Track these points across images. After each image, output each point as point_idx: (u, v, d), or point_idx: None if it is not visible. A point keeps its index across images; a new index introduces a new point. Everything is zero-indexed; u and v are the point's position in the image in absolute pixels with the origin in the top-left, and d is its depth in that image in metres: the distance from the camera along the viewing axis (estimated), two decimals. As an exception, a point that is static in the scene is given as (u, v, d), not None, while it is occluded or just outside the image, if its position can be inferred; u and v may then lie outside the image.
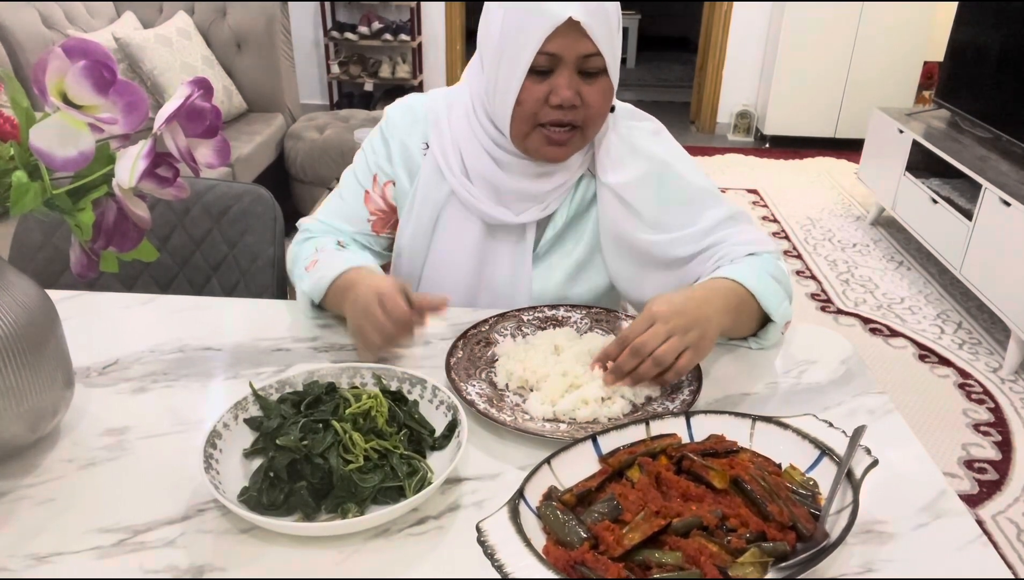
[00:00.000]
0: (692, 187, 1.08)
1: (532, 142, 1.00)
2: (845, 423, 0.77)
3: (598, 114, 0.99)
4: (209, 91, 0.70)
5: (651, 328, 0.85)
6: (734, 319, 0.94)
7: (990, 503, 1.96)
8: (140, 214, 0.71)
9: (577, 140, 1.01)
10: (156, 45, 3.02)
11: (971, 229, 2.73)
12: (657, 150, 1.08)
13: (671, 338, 0.84)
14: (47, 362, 0.74)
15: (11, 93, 0.67)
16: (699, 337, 0.86)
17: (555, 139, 0.99)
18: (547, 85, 0.96)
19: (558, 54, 0.93)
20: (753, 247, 1.03)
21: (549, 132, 0.98)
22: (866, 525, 0.70)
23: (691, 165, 1.10)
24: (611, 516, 0.66)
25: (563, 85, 0.95)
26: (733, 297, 0.94)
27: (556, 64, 0.95)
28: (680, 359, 0.84)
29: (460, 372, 0.90)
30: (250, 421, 0.78)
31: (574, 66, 0.95)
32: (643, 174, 1.06)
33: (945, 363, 2.58)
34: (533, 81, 0.96)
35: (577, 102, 0.96)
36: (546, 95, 0.96)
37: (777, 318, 0.96)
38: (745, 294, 0.95)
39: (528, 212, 1.06)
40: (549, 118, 0.97)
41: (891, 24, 4.38)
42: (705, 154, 4.68)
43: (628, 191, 1.05)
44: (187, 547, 0.67)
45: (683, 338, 0.84)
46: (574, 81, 0.96)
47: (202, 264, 1.38)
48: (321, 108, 4.95)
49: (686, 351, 0.84)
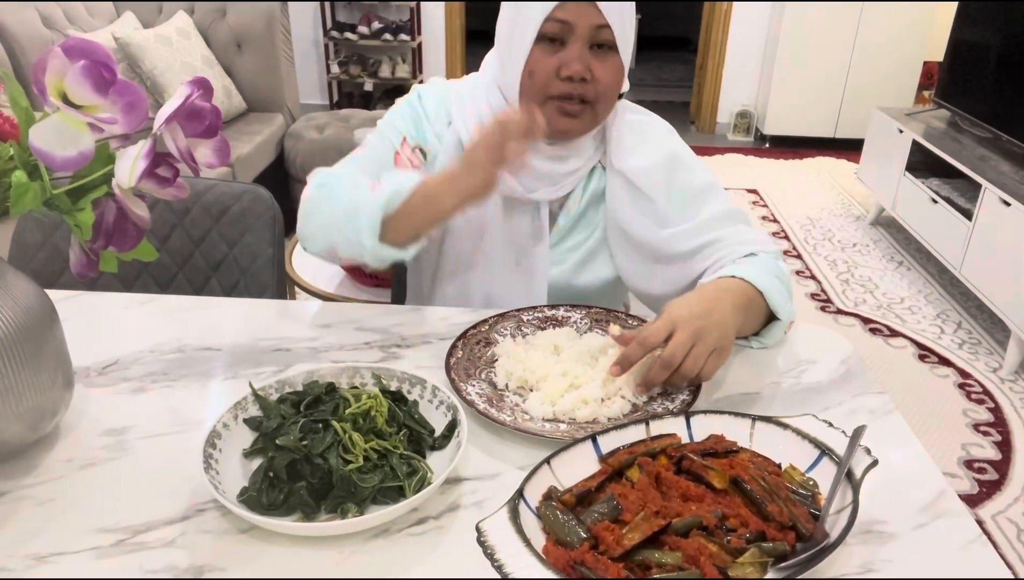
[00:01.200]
0: (699, 180, 1.10)
1: (545, 113, 0.99)
2: (845, 423, 0.77)
3: (608, 90, 1.01)
4: (209, 91, 0.70)
5: (675, 336, 0.84)
6: (744, 318, 0.94)
7: (990, 503, 1.96)
8: (140, 214, 0.71)
9: (588, 115, 1.02)
10: (156, 45, 3.02)
11: (971, 229, 2.73)
12: (667, 143, 1.11)
13: (695, 346, 0.83)
14: (47, 362, 0.74)
15: (11, 93, 0.67)
16: (720, 338, 0.85)
17: (568, 109, 1.00)
18: (558, 58, 0.98)
19: (569, 21, 0.96)
20: (753, 247, 1.04)
21: (561, 104, 1.00)
22: (866, 525, 0.70)
23: (699, 162, 1.13)
24: (611, 516, 0.66)
25: (574, 57, 0.97)
26: (742, 296, 0.94)
27: (568, 34, 0.97)
28: (707, 365, 0.84)
29: (460, 372, 0.90)
30: (250, 421, 0.78)
31: (586, 39, 0.97)
32: (655, 162, 1.08)
33: (945, 363, 2.58)
34: (544, 51, 0.98)
35: (587, 76, 0.98)
36: (556, 68, 0.98)
37: (783, 316, 0.97)
38: (754, 293, 0.95)
39: (541, 191, 1.08)
40: (559, 90, 0.99)
41: (891, 24, 4.38)
42: (705, 154, 4.68)
43: (639, 177, 1.07)
44: (187, 547, 0.67)
45: (706, 343, 0.84)
46: (585, 55, 0.98)
47: (202, 264, 1.38)
48: (321, 108, 4.95)
49: (712, 356, 0.84)
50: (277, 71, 3.45)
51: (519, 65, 1.00)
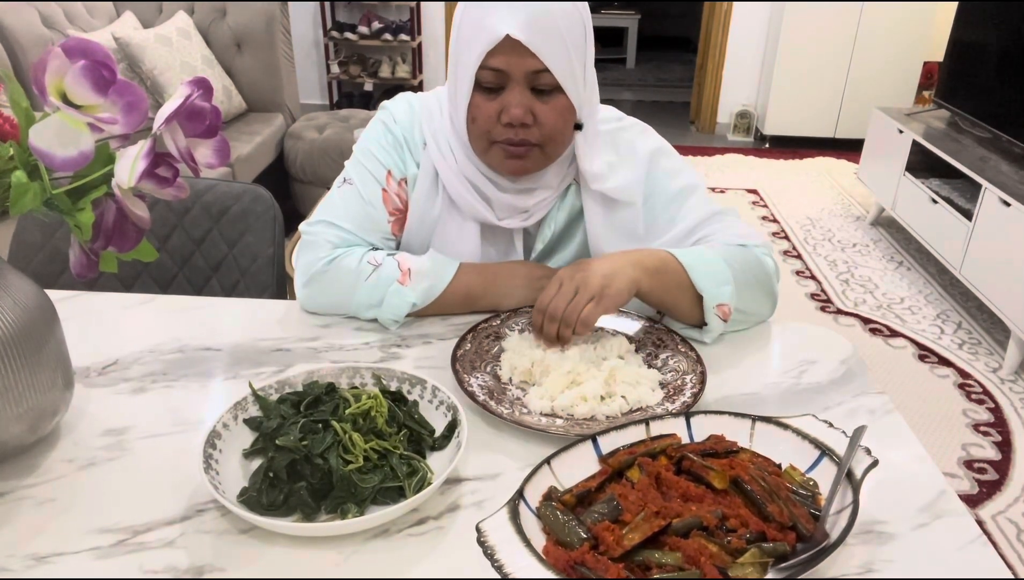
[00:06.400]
0: (678, 182, 1.08)
1: (492, 157, 0.99)
2: (845, 423, 0.77)
3: (555, 132, 0.96)
4: (209, 91, 0.70)
5: (561, 288, 0.90)
6: (651, 278, 0.94)
7: (990, 503, 1.96)
8: (140, 214, 0.71)
9: (537, 156, 0.98)
10: (156, 45, 3.02)
11: (971, 229, 2.73)
12: (644, 148, 1.08)
13: (577, 294, 0.89)
14: (47, 362, 0.74)
15: (11, 93, 0.67)
16: (603, 286, 0.90)
17: (513, 152, 0.97)
18: (499, 102, 0.94)
19: (504, 70, 0.92)
20: (741, 241, 1.03)
21: (506, 147, 0.97)
22: (866, 525, 0.70)
23: (680, 161, 1.10)
24: (611, 516, 0.66)
25: (513, 103, 0.93)
26: (652, 258, 0.95)
27: (505, 80, 0.93)
28: (585, 311, 0.89)
29: (465, 364, 0.90)
30: (250, 421, 0.78)
31: (524, 83, 0.93)
32: (633, 176, 1.06)
33: (945, 363, 2.58)
34: (485, 97, 0.95)
35: (528, 120, 0.94)
36: (498, 112, 0.94)
37: (705, 293, 0.95)
38: (670, 260, 0.96)
39: (510, 219, 1.06)
40: (502, 137, 0.96)
41: (891, 24, 4.38)
42: (705, 154, 4.68)
43: (620, 193, 1.05)
44: (187, 547, 0.67)
45: (587, 290, 0.89)
46: (525, 98, 0.93)
47: (202, 264, 1.38)
48: (321, 108, 4.95)
49: (591, 303, 0.89)
50: (277, 71, 3.45)
51: (462, 110, 0.96)
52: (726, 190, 4.12)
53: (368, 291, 1.00)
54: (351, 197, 1.05)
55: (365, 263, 1.00)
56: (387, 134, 1.07)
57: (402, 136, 1.06)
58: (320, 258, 1.01)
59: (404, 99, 1.09)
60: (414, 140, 1.07)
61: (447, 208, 1.07)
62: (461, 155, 1.03)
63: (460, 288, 1.02)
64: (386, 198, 1.06)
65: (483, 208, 1.04)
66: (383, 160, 1.06)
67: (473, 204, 1.04)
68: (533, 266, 1.08)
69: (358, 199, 1.05)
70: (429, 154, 1.05)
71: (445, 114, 1.04)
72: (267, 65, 3.42)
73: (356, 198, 1.05)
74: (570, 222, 1.11)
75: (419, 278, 1.00)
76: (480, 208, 1.04)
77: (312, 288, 1.03)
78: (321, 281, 1.01)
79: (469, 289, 1.03)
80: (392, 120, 1.07)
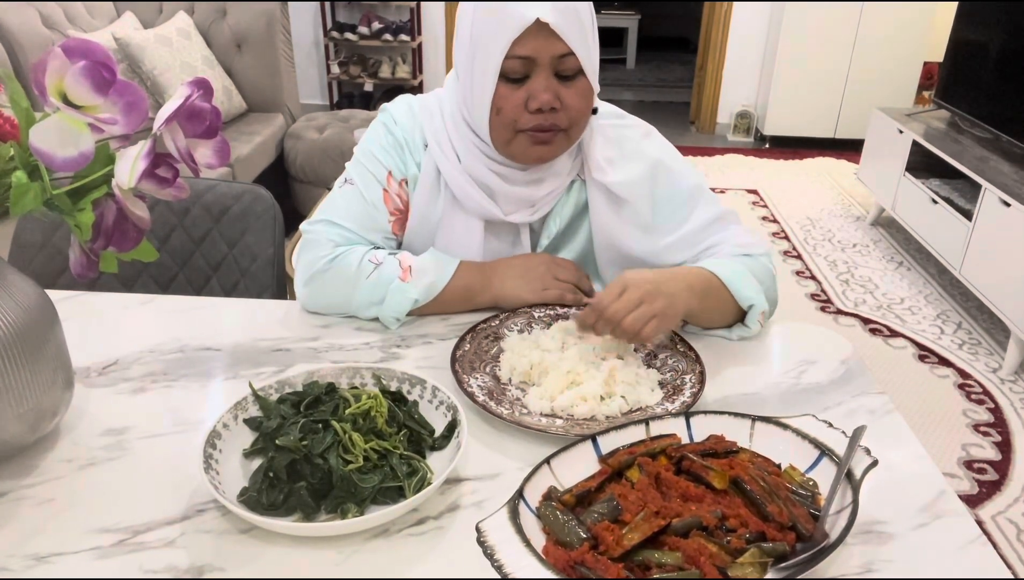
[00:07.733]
0: (684, 184, 1.08)
1: (516, 147, 0.99)
2: (845, 423, 0.77)
3: (579, 116, 0.98)
4: (209, 91, 0.70)
5: (624, 294, 0.89)
6: (700, 302, 0.96)
7: (990, 503, 1.96)
8: (140, 214, 0.71)
9: (561, 140, 1.00)
10: (156, 45, 3.02)
11: (971, 229, 2.73)
12: (649, 149, 1.08)
13: (641, 306, 0.89)
14: (47, 362, 0.74)
15: (11, 93, 0.67)
16: (666, 306, 0.90)
17: (540, 138, 0.98)
18: (524, 91, 0.95)
19: (531, 57, 0.92)
20: (746, 250, 1.04)
21: (533, 134, 0.97)
22: (866, 525, 0.70)
23: (683, 163, 1.10)
24: (611, 516, 0.66)
25: (540, 89, 0.94)
26: (699, 281, 0.97)
27: (531, 68, 0.94)
28: (647, 327, 0.89)
29: (464, 365, 0.90)
30: (250, 421, 0.78)
31: (550, 68, 0.94)
32: (636, 173, 1.06)
33: (945, 363, 2.57)
34: (509, 88, 0.95)
35: (557, 105, 0.95)
36: (524, 100, 0.95)
37: (743, 302, 0.98)
38: (714, 280, 0.98)
39: (517, 213, 1.07)
40: (530, 124, 0.96)
41: (891, 24, 4.38)
42: (705, 154, 4.68)
43: (622, 189, 1.05)
44: (187, 547, 0.67)
45: (652, 306, 0.89)
46: (552, 84, 0.94)
47: (202, 264, 1.38)
48: (321, 108, 4.95)
49: (654, 320, 0.89)
50: (277, 71, 3.45)
51: (486, 103, 0.96)
52: (726, 190, 4.12)
53: (370, 289, 1.01)
54: (352, 197, 1.06)
55: (366, 261, 1.01)
56: (387, 136, 1.07)
57: (402, 137, 1.07)
58: (322, 256, 1.02)
59: (404, 101, 1.10)
60: (414, 141, 1.07)
61: (451, 207, 1.07)
62: (465, 153, 1.03)
63: (461, 284, 1.04)
64: (387, 198, 1.07)
65: (489, 204, 1.05)
66: (384, 161, 1.06)
67: (479, 201, 1.04)
68: (530, 257, 1.09)
69: (359, 199, 1.06)
70: (431, 155, 1.05)
71: (445, 114, 1.05)
72: (267, 65, 3.42)
73: (357, 198, 1.06)
74: (575, 217, 1.11)
75: (420, 275, 1.01)
76: (486, 204, 1.05)
77: (313, 286, 1.03)
78: (323, 279, 1.02)
79: (470, 284, 1.04)
80: (392, 122, 1.08)
